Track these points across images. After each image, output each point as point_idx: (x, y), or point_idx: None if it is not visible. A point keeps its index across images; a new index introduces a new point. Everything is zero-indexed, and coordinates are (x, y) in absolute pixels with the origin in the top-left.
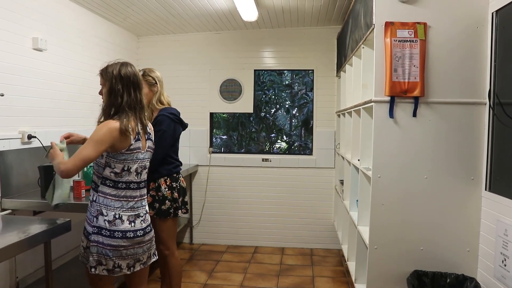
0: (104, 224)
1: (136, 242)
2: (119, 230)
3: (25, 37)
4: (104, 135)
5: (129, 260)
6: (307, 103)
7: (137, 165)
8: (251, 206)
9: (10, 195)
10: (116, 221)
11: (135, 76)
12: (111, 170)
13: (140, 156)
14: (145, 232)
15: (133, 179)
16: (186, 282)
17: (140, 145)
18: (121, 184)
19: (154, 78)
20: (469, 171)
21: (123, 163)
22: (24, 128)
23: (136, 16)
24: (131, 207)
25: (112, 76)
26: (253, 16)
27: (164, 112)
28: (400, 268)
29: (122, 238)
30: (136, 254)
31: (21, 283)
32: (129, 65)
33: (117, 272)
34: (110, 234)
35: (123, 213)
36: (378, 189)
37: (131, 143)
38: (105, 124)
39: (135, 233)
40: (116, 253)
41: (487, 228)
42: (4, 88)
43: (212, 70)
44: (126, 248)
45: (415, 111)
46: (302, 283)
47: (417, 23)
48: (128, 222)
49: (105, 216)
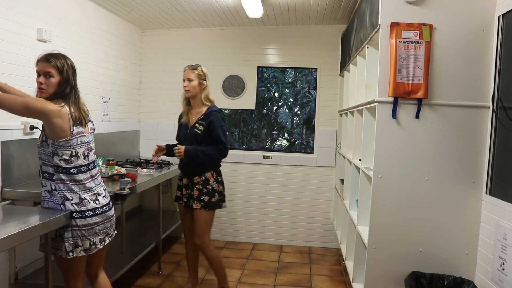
0: (72, 207)
1: (106, 217)
2: (88, 209)
3: (30, 28)
4: (54, 119)
5: (101, 235)
6: (310, 101)
7: (83, 149)
8: (250, 202)
9: (11, 185)
10: (84, 201)
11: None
12: (60, 158)
13: (85, 140)
14: (109, 207)
15: (81, 163)
16: (184, 277)
17: (82, 129)
18: (73, 170)
19: (205, 74)
20: (470, 174)
21: (70, 149)
22: (26, 118)
23: (141, 9)
24: (88, 189)
25: (69, 68)
26: (258, 13)
27: (215, 108)
28: (398, 269)
29: (93, 216)
30: (105, 228)
31: (20, 273)
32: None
33: (93, 249)
34: (81, 215)
35: (84, 194)
36: (378, 190)
37: (72, 129)
38: (45, 103)
39: (102, 209)
40: (91, 232)
41: (486, 231)
42: (8, 79)
43: (216, 66)
44: (98, 224)
45: (418, 112)
46: (299, 281)
47: (422, 25)
48: (92, 201)
49: (71, 200)
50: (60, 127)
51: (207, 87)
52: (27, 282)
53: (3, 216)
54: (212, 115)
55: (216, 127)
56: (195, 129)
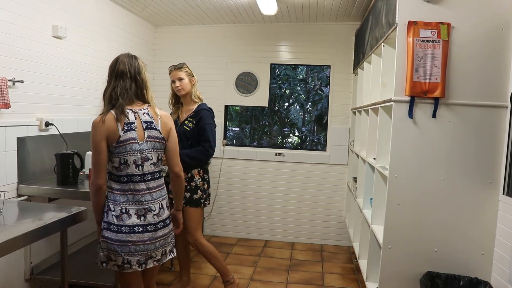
0: (112, 219)
1: (146, 238)
2: (126, 225)
3: (46, 24)
4: (92, 136)
5: (139, 256)
6: (321, 98)
7: (135, 157)
8: (262, 199)
9: (26, 181)
10: (123, 216)
11: (118, 63)
12: (112, 165)
13: (137, 147)
14: (157, 227)
15: (133, 172)
16: (196, 273)
17: (134, 135)
18: (123, 178)
19: (191, 70)
20: (486, 175)
21: (118, 156)
22: (42, 115)
23: (155, 6)
24: (138, 201)
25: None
26: (272, 10)
27: (204, 107)
28: (413, 269)
29: (129, 233)
30: (147, 250)
31: (35, 268)
32: (123, 56)
33: (127, 268)
34: (117, 229)
35: (129, 207)
36: (394, 189)
37: (119, 135)
38: (92, 123)
39: (144, 228)
40: (124, 249)
41: (503, 232)
42: (24, 75)
43: (229, 63)
44: (134, 243)
45: (434, 112)
46: (312, 279)
47: (440, 24)
48: (136, 216)
49: (113, 211)
50: (108, 136)
51: (196, 83)
52: (43, 277)
53: (19, 212)
54: (202, 112)
55: (205, 124)
56: (185, 126)
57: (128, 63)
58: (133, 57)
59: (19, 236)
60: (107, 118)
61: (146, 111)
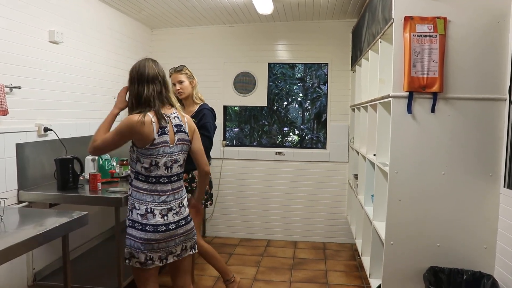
0: (137, 217)
1: (168, 236)
2: (151, 224)
3: (42, 30)
4: (123, 129)
5: (161, 253)
6: (320, 96)
7: (166, 159)
8: (264, 199)
9: (27, 188)
10: (148, 215)
11: (148, 68)
12: (142, 165)
13: (168, 150)
14: (178, 225)
15: (162, 173)
16: (200, 275)
17: (167, 138)
18: (151, 179)
19: (191, 72)
20: (487, 168)
21: (150, 158)
22: (40, 120)
23: (150, 8)
24: (163, 201)
25: (131, 71)
26: (268, 9)
27: (206, 107)
28: (416, 264)
29: (153, 232)
30: (167, 247)
31: (38, 274)
32: (147, 60)
33: (150, 264)
34: (142, 228)
35: (154, 207)
36: (395, 185)
37: (154, 138)
38: (127, 118)
39: (167, 227)
40: (147, 247)
41: (505, 225)
42: (21, 81)
43: (226, 63)
44: (157, 241)
45: (433, 106)
46: (315, 277)
47: (437, 18)
48: (160, 215)
49: (138, 210)
50: (140, 136)
51: (197, 84)
52: (45, 283)
53: (20, 218)
54: (204, 112)
55: (206, 121)
56: None
57: (156, 67)
58: (156, 62)
59: (21, 243)
60: (146, 120)
61: (176, 114)
